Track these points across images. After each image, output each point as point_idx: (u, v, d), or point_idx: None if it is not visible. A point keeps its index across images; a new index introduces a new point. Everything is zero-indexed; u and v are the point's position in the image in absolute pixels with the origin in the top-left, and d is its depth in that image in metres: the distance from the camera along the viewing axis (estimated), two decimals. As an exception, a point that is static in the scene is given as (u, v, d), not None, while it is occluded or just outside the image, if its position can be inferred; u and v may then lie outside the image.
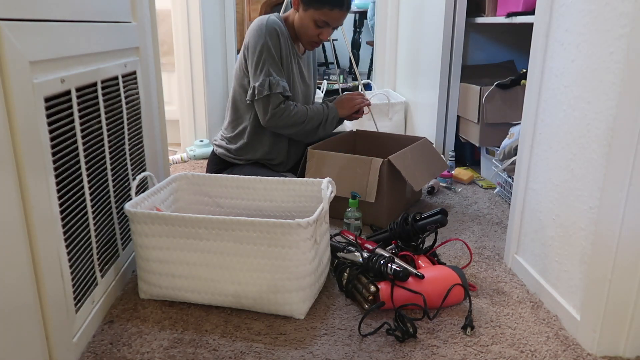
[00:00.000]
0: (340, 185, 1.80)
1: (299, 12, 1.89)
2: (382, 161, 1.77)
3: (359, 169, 1.82)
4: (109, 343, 1.19)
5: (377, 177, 1.77)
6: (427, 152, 2.07)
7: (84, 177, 1.16)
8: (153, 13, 1.63)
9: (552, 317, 1.29)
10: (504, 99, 2.23)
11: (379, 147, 2.23)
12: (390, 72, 3.50)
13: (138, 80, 1.49)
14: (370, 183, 1.78)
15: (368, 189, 1.79)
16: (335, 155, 1.89)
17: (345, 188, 1.81)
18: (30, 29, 0.93)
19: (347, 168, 1.85)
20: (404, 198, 2.00)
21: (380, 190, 1.79)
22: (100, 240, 1.26)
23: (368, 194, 1.79)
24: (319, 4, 1.82)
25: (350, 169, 1.84)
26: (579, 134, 1.19)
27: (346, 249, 1.46)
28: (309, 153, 1.94)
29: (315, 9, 1.83)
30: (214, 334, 1.22)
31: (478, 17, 2.42)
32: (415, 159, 1.94)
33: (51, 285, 1.00)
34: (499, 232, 1.81)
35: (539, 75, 1.37)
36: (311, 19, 1.85)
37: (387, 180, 1.79)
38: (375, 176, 1.77)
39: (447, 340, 1.20)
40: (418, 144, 2.04)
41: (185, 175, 1.62)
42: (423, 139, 2.12)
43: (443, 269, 1.38)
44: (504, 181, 2.11)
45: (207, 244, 1.26)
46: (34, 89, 0.94)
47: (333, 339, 1.21)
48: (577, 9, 1.19)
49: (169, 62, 2.91)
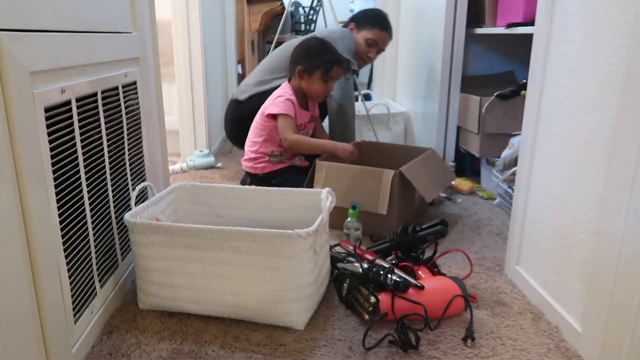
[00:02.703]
0: (350, 197, 1.81)
1: None
2: (394, 173, 1.77)
3: (370, 180, 1.81)
4: (108, 354, 1.18)
5: (389, 189, 1.77)
6: (436, 163, 2.09)
7: (84, 187, 1.16)
8: (153, 23, 1.64)
9: (553, 328, 1.28)
10: (504, 109, 2.24)
11: (385, 157, 2.22)
12: (390, 82, 3.51)
13: (138, 90, 1.49)
14: (382, 195, 1.77)
15: (380, 201, 1.78)
16: (345, 167, 1.89)
17: (356, 200, 1.80)
18: (31, 40, 0.93)
19: (357, 180, 1.84)
20: (412, 209, 2.00)
21: (391, 202, 1.78)
22: (100, 251, 1.26)
23: (380, 205, 1.78)
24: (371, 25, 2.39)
25: (360, 181, 1.83)
26: (579, 144, 1.19)
27: (346, 259, 1.45)
28: (317, 164, 1.94)
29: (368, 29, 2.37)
30: (213, 345, 1.22)
31: (478, 28, 2.43)
32: (425, 170, 1.95)
33: (50, 295, 1.00)
34: (499, 243, 1.80)
35: (539, 86, 1.37)
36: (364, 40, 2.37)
37: (398, 192, 1.79)
38: (387, 188, 1.77)
39: (447, 351, 1.19)
40: (426, 154, 2.05)
41: (185, 185, 1.62)
42: (430, 150, 2.13)
43: (443, 280, 1.37)
44: (504, 192, 2.11)
45: (206, 254, 1.26)
46: (34, 99, 0.94)
47: (333, 350, 1.20)
48: (577, 19, 1.20)
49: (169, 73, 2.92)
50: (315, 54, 2.11)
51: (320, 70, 2.10)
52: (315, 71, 2.10)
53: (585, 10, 1.16)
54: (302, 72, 2.12)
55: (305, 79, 2.13)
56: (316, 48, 2.14)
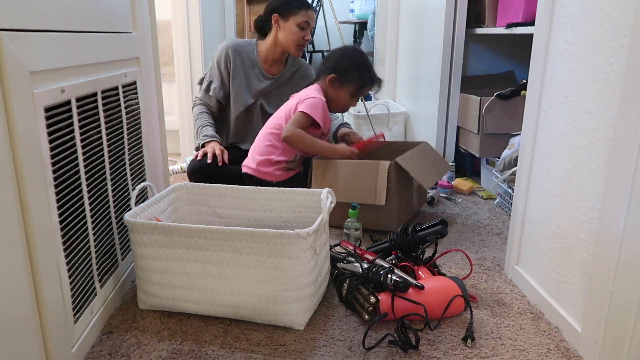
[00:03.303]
0: (348, 192, 1.85)
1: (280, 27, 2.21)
2: (390, 163, 1.81)
3: (365, 174, 1.85)
4: (108, 354, 1.18)
5: (385, 179, 1.80)
6: (430, 154, 2.12)
7: (84, 187, 1.16)
8: (153, 23, 1.64)
9: (553, 328, 1.28)
10: (504, 109, 2.24)
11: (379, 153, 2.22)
12: (390, 82, 3.51)
13: (138, 90, 1.49)
14: (380, 185, 1.82)
15: (377, 192, 1.82)
16: (341, 163, 1.91)
17: (353, 194, 1.85)
18: (31, 39, 0.93)
19: (353, 174, 1.87)
20: (412, 201, 2.04)
21: (389, 193, 1.82)
22: (100, 251, 1.26)
23: (378, 197, 1.82)
24: (297, 9, 2.16)
25: (356, 175, 1.87)
26: (579, 144, 1.19)
27: (346, 259, 1.45)
28: (314, 164, 1.96)
29: (294, 14, 2.17)
30: (213, 345, 1.22)
31: (478, 28, 2.42)
32: (421, 160, 1.99)
33: (50, 295, 1.00)
34: (499, 243, 1.80)
35: (539, 86, 1.37)
36: (295, 24, 2.17)
37: (395, 182, 1.82)
38: (384, 178, 1.81)
39: (447, 351, 1.19)
40: (420, 147, 2.09)
41: (185, 185, 1.62)
42: (423, 143, 2.15)
43: (443, 280, 1.37)
44: (504, 192, 2.11)
45: (206, 254, 1.26)
46: (34, 99, 0.94)
47: (333, 350, 1.20)
48: (577, 19, 1.20)
49: (169, 73, 2.92)
50: (355, 67, 2.01)
51: (355, 85, 2.01)
52: (350, 85, 2.00)
53: (585, 10, 1.16)
54: (335, 80, 2.00)
55: (335, 88, 2.02)
56: (357, 62, 2.03)
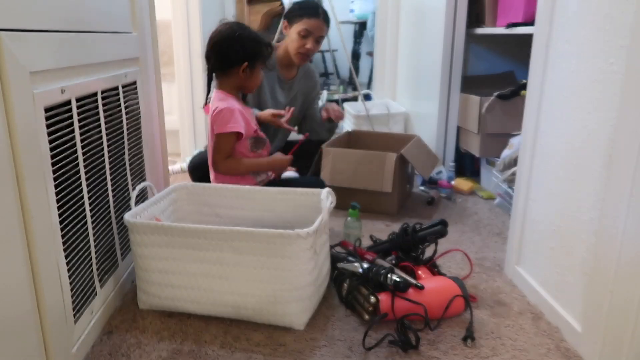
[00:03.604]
0: (357, 178, 2.09)
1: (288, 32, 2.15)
2: (397, 155, 2.01)
3: (373, 163, 2.06)
4: (108, 354, 1.18)
5: (392, 169, 2.01)
6: (424, 147, 2.33)
7: (84, 187, 1.16)
8: (153, 23, 1.64)
9: (553, 328, 1.28)
10: (504, 109, 2.24)
11: (374, 144, 2.40)
12: (390, 82, 3.51)
13: (138, 90, 1.49)
14: (387, 174, 2.03)
15: (384, 180, 2.03)
16: (351, 152, 2.14)
17: (362, 180, 2.07)
18: (31, 39, 0.93)
19: (362, 163, 2.08)
20: (405, 188, 2.28)
21: (393, 182, 2.03)
22: (100, 250, 1.26)
23: (385, 184, 2.04)
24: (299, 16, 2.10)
25: (364, 164, 2.08)
26: (579, 144, 1.19)
27: (346, 259, 1.45)
28: (324, 151, 2.13)
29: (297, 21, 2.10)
30: (213, 345, 1.22)
31: (478, 28, 2.42)
32: (418, 152, 2.21)
33: (50, 295, 1.00)
34: (499, 243, 1.80)
35: (539, 86, 1.37)
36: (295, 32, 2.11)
37: (398, 172, 2.04)
38: (391, 168, 2.02)
39: (447, 351, 1.19)
40: (415, 140, 2.26)
41: (185, 185, 1.62)
42: (416, 137, 2.32)
43: (443, 280, 1.37)
44: (504, 192, 2.11)
45: (206, 254, 1.26)
46: (34, 99, 0.94)
47: (333, 350, 1.20)
48: (577, 20, 1.20)
49: (169, 73, 2.92)
50: (239, 46, 1.73)
51: (248, 62, 1.70)
52: (244, 66, 1.70)
53: (585, 10, 1.16)
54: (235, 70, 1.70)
55: (246, 76, 1.71)
56: (236, 40, 1.74)
